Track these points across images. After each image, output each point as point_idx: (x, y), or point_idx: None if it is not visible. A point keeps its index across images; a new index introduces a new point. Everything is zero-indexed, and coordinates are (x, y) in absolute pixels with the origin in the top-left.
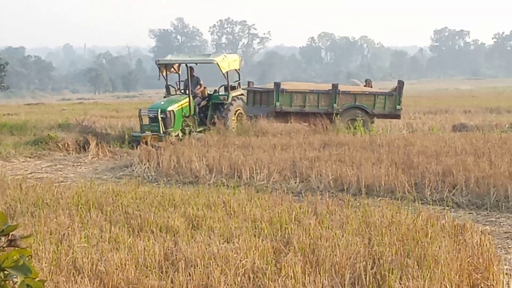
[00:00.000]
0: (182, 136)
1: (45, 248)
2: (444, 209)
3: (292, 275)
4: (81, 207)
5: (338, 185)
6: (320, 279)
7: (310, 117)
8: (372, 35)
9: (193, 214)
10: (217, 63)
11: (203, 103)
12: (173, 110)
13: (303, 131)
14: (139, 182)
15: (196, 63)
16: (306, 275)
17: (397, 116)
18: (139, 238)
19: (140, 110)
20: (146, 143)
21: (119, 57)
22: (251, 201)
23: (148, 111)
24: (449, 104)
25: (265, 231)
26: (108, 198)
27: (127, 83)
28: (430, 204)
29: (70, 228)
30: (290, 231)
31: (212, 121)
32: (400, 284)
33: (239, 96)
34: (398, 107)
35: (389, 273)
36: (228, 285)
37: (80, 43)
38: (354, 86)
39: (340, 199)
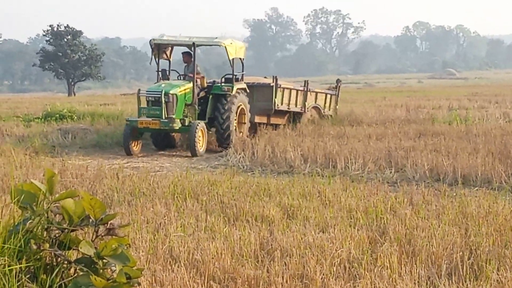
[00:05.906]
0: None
1: (142, 237)
2: None
3: (388, 265)
4: (177, 197)
5: (433, 175)
6: (416, 270)
7: (283, 116)
8: (468, 24)
9: (288, 204)
10: (225, 47)
11: (202, 94)
12: (176, 94)
13: (398, 121)
14: (234, 171)
15: (199, 45)
16: (402, 265)
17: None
18: (234, 228)
19: (139, 90)
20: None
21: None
22: (346, 191)
23: (148, 92)
24: None
25: (361, 221)
26: (203, 188)
27: (222, 73)
28: None
29: (166, 217)
30: (385, 221)
31: (211, 116)
32: (498, 275)
33: (243, 91)
34: (337, 106)
35: (486, 263)
36: (324, 274)
37: (175, 33)
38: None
39: (436, 189)
